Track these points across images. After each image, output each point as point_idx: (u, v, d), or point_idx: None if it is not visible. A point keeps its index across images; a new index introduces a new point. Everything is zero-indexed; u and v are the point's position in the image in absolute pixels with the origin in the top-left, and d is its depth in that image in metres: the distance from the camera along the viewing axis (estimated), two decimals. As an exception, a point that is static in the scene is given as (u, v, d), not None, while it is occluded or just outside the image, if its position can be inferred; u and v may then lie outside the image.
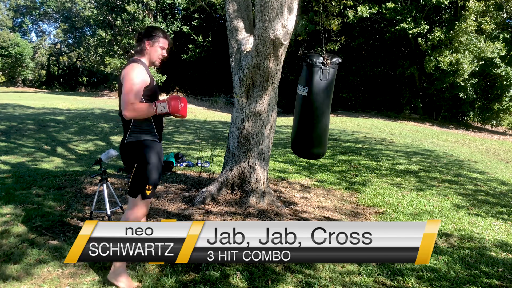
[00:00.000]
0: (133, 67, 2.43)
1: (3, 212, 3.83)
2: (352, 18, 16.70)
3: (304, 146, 3.77)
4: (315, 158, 4.08)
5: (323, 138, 3.72)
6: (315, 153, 3.82)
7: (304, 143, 3.75)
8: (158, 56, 2.57)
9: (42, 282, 2.60)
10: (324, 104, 3.60)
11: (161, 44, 2.55)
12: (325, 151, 3.87)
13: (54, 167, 6.01)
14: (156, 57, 2.57)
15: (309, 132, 3.66)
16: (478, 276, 2.96)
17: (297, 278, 2.79)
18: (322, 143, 3.72)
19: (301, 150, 3.84)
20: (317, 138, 3.67)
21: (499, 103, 19.96)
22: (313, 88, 3.53)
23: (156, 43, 2.53)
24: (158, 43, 2.54)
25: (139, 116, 2.43)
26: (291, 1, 3.67)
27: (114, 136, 9.66)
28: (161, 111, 2.41)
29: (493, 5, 17.45)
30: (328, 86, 3.53)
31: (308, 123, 3.65)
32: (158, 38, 2.53)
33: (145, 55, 2.55)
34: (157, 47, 2.54)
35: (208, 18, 28.24)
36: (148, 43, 2.52)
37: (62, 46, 43.17)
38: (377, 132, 13.40)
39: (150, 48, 2.53)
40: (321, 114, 3.62)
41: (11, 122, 10.09)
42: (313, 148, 3.74)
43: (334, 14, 8.82)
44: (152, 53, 2.54)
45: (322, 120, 3.63)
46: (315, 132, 3.65)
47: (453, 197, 5.38)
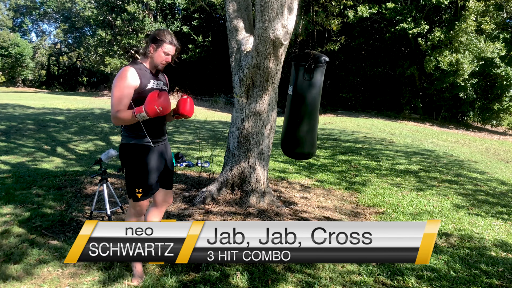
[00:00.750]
0: (121, 74, 2.42)
1: (3, 212, 3.83)
2: (352, 18, 16.70)
3: (288, 145, 3.64)
4: (300, 158, 3.91)
5: (307, 138, 3.57)
6: (298, 153, 3.65)
7: (289, 142, 3.62)
8: (161, 61, 2.53)
9: (42, 282, 2.60)
10: (309, 104, 3.47)
11: (165, 49, 2.51)
12: (311, 152, 3.68)
13: (54, 167, 6.01)
14: (159, 62, 2.53)
15: (293, 131, 3.56)
16: (478, 276, 2.96)
17: (297, 278, 2.79)
18: (305, 143, 3.56)
19: (286, 150, 3.69)
20: (301, 138, 3.53)
21: (499, 103, 19.96)
22: (297, 87, 3.44)
23: (159, 48, 2.50)
24: (162, 48, 2.50)
25: (125, 123, 2.42)
26: (291, 1, 3.67)
27: (114, 136, 9.66)
28: (143, 118, 2.35)
29: (493, 5, 17.45)
30: (312, 86, 3.39)
31: (292, 123, 3.54)
32: (162, 43, 2.50)
33: (147, 58, 2.54)
34: (161, 52, 2.51)
35: (208, 18, 28.23)
36: (153, 47, 2.51)
37: (62, 46, 43.16)
38: (377, 132, 13.40)
39: (154, 52, 2.52)
40: (305, 114, 3.49)
41: (11, 122, 10.09)
42: (296, 148, 3.59)
43: (334, 14, 8.82)
44: (155, 57, 2.52)
45: (306, 120, 3.49)
46: (298, 133, 3.52)
47: (453, 197, 5.38)
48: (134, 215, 2.67)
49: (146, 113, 2.30)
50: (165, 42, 2.50)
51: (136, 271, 2.68)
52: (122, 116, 2.37)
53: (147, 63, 2.55)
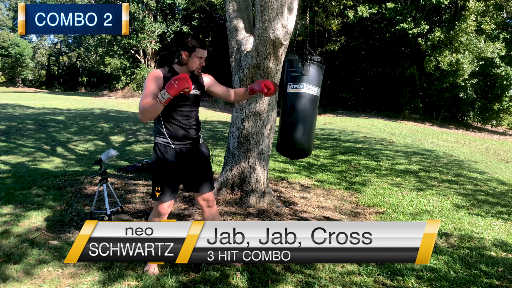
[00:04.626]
0: (148, 75, 2.56)
1: (3, 212, 3.83)
2: (352, 18, 16.69)
3: (278, 141, 3.53)
4: (289, 156, 3.70)
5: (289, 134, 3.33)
6: (285, 149, 3.53)
7: (279, 138, 3.52)
8: (196, 66, 2.60)
9: (42, 282, 2.60)
10: (281, 100, 3.38)
11: (199, 54, 2.57)
12: (299, 152, 3.42)
13: (54, 167, 6.01)
14: (194, 67, 2.60)
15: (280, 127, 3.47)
16: (478, 276, 2.96)
17: (297, 278, 2.79)
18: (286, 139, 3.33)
19: (278, 146, 3.59)
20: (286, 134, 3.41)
21: (499, 103, 19.96)
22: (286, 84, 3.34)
23: (193, 54, 2.56)
24: (195, 53, 2.56)
25: (147, 114, 2.48)
26: (291, 1, 3.67)
27: (114, 136, 9.66)
28: (163, 98, 2.39)
29: (493, 5, 17.45)
30: (280, 81, 3.27)
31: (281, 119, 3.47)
32: (195, 48, 2.56)
33: (183, 65, 2.60)
34: (195, 57, 2.57)
35: (208, 18, 28.23)
36: (186, 54, 2.57)
37: (62, 46, 43.16)
38: (377, 132, 13.40)
39: (188, 59, 2.58)
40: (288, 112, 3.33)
41: (11, 122, 10.09)
42: (282, 143, 3.48)
43: (334, 14, 8.82)
44: (190, 64, 2.59)
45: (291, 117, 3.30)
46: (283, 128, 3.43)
47: (453, 197, 5.38)
48: (155, 216, 2.74)
49: (165, 90, 2.37)
50: (197, 47, 2.57)
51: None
52: (146, 104, 2.44)
53: (180, 69, 2.62)
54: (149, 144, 8.96)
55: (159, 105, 2.43)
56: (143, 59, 26.06)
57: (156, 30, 24.43)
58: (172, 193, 2.67)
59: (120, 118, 12.93)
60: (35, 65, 39.67)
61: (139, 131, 10.71)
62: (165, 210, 2.69)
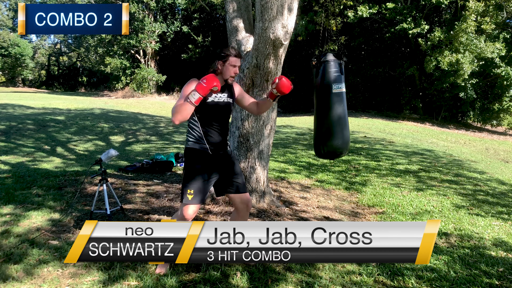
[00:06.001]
0: (187, 83, 2.65)
1: (3, 212, 3.83)
2: (352, 18, 16.70)
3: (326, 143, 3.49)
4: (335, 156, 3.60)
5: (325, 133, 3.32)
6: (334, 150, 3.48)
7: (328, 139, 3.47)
8: (230, 74, 2.69)
9: (42, 282, 2.60)
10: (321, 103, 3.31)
11: (232, 62, 2.67)
12: (346, 151, 3.40)
13: (54, 167, 6.01)
14: (228, 75, 2.69)
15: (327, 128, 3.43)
16: (478, 276, 2.96)
17: (297, 278, 2.79)
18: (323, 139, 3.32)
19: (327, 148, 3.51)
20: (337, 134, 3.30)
21: (499, 103, 19.94)
22: (315, 84, 3.37)
23: (227, 62, 2.67)
24: (228, 62, 2.67)
25: (178, 115, 2.53)
26: (291, 1, 3.66)
27: (114, 136, 9.67)
28: (193, 98, 2.47)
29: (493, 5, 17.45)
30: (321, 83, 3.25)
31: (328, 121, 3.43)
32: (228, 57, 2.66)
33: (218, 74, 2.70)
34: (229, 66, 2.67)
35: (208, 18, 28.22)
36: (220, 63, 2.69)
37: (62, 46, 43.17)
38: (377, 132, 13.40)
39: (222, 67, 2.69)
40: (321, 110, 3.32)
41: (11, 122, 10.09)
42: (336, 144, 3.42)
43: (334, 14, 8.82)
44: (224, 72, 2.69)
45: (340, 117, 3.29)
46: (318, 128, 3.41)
47: (453, 197, 5.38)
48: (179, 218, 2.74)
49: (195, 90, 2.46)
50: (230, 55, 2.66)
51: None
52: (179, 105, 2.52)
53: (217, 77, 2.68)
54: (149, 144, 8.96)
55: (189, 105, 2.50)
56: (143, 59, 26.07)
57: (156, 30, 24.44)
58: (202, 198, 2.69)
59: (120, 118, 12.94)
60: (35, 65, 39.66)
61: (139, 131, 10.72)
62: (190, 215, 2.65)
